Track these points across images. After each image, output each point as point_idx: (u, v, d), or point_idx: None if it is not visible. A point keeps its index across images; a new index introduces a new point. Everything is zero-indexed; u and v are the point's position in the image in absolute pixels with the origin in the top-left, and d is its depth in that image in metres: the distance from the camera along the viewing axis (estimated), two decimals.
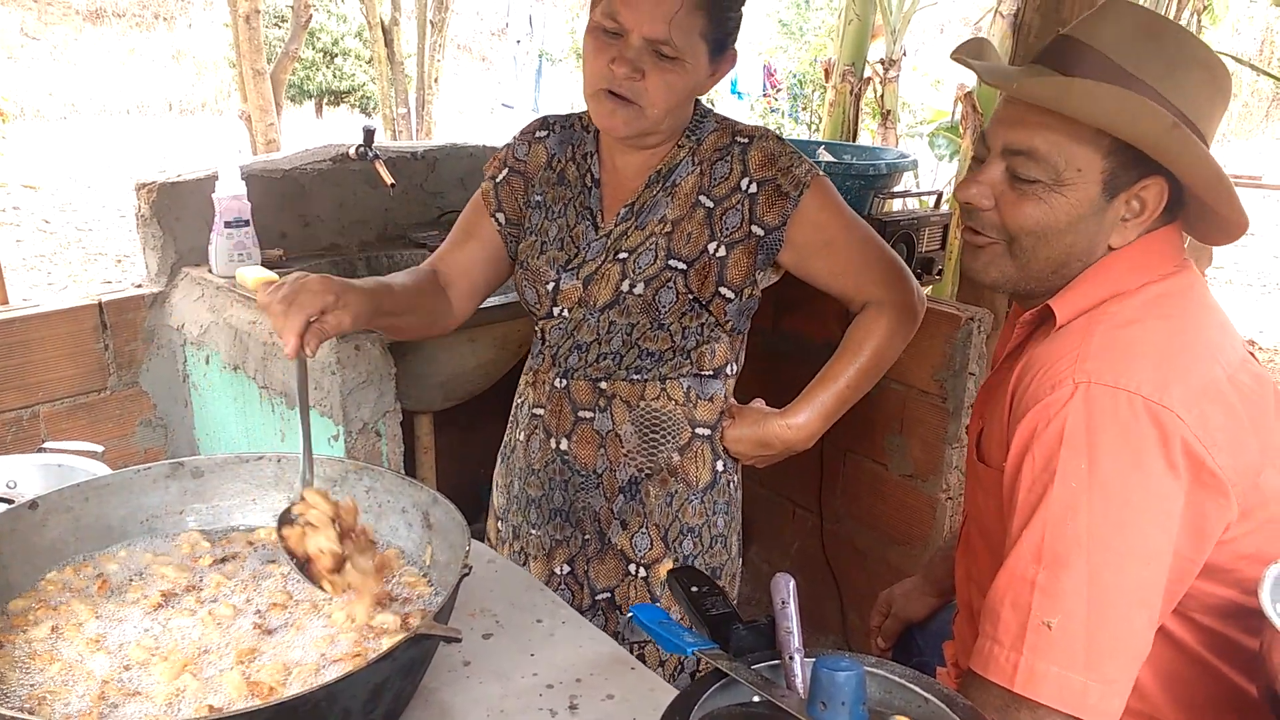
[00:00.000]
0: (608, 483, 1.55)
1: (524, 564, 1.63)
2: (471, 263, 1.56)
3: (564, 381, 1.54)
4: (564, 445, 1.55)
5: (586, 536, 1.58)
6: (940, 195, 2.69)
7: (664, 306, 1.45)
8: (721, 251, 1.45)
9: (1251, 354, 1.19)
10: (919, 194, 2.73)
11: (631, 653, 1.18)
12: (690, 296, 1.45)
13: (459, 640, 0.89)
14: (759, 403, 1.60)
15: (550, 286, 1.51)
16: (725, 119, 1.51)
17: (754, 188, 1.44)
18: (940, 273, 2.44)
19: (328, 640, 0.98)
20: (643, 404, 1.52)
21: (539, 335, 1.58)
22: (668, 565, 1.56)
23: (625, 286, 1.46)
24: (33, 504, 1.09)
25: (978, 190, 1.18)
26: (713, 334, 1.50)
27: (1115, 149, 1.10)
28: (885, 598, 1.70)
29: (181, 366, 2.37)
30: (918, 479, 2.38)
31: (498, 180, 1.58)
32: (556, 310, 1.52)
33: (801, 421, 1.53)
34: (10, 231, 7.42)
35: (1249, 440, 1.07)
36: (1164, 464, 1.03)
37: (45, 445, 1.64)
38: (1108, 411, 1.04)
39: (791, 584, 0.81)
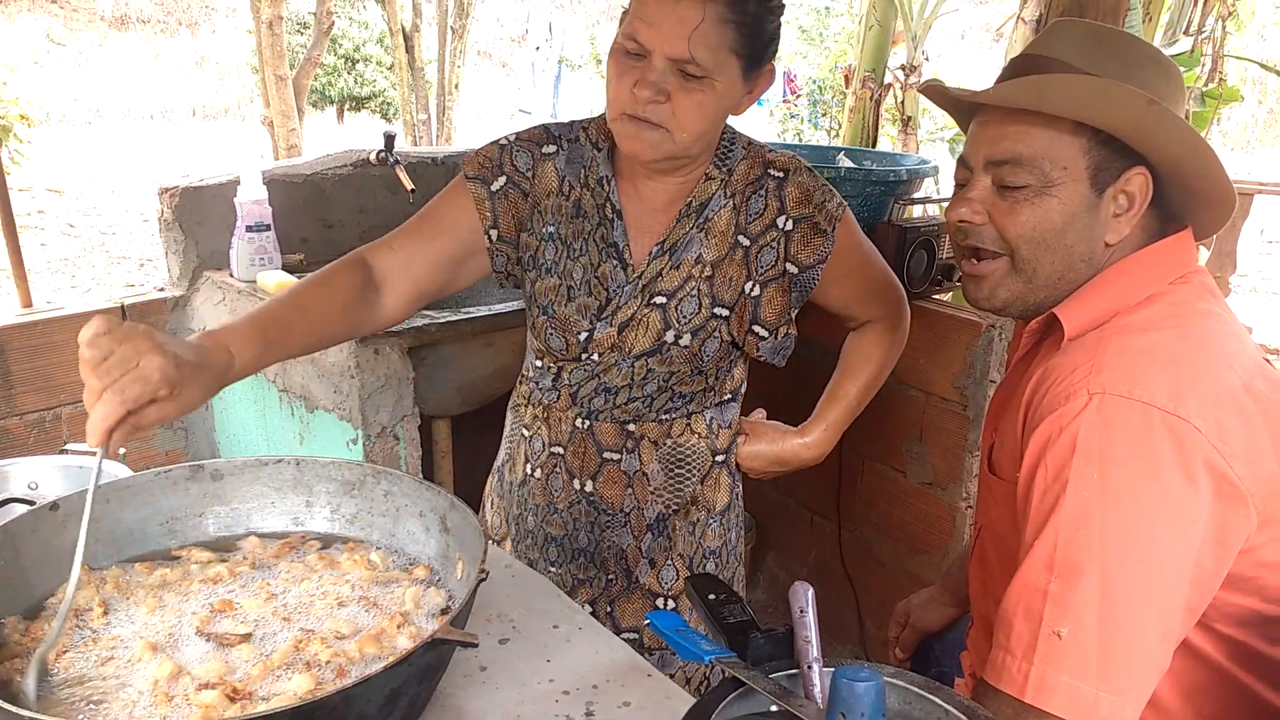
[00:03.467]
0: (635, 522, 1.51)
1: None
2: (434, 263, 1.40)
3: (586, 423, 1.47)
4: (589, 486, 1.50)
5: (611, 576, 1.53)
6: None
7: (708, 355, 1.41)
8: (756, 290, 1.40)
9: (1267, 360, 1.18)
10: (940, 200, 2.72)
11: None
12: (730, 342, 1.42)
13: (476, 645, 0.89)
14: (760, 414, 1.62)
15: (583, 337, 1.41)
16: (753, 143, 1.45)
17: (790, 225, 1.39)
18: (961, 279, 2.42)
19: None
20: (669, 441, 1.48)
21: (551, 371, 1.48)
22: None
23: (670, 337, 1.39)
24: (54, 505, 1.09)
25: (968, 208, 1.21)
26: (735, 363, 1.49)
27: (1096, 142, 1.13)
28: (903, 608, 1.69)
29: None
30: (937, 487, 2.37)
31: (494, 190, 1.41)
32: (585, 356, 1.43)
33: (816, 439, 1.58)
34: (35, 235, 7.50)
35: (1266, 448, 1.06)
36: (1180, 475, 1.02)
37: (67, 447, 1.65)
38: (1121, 422, 1.03)
39: (810, 592, 0.81)
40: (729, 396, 1.52)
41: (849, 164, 2.54)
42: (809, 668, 0.79)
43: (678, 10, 1.21)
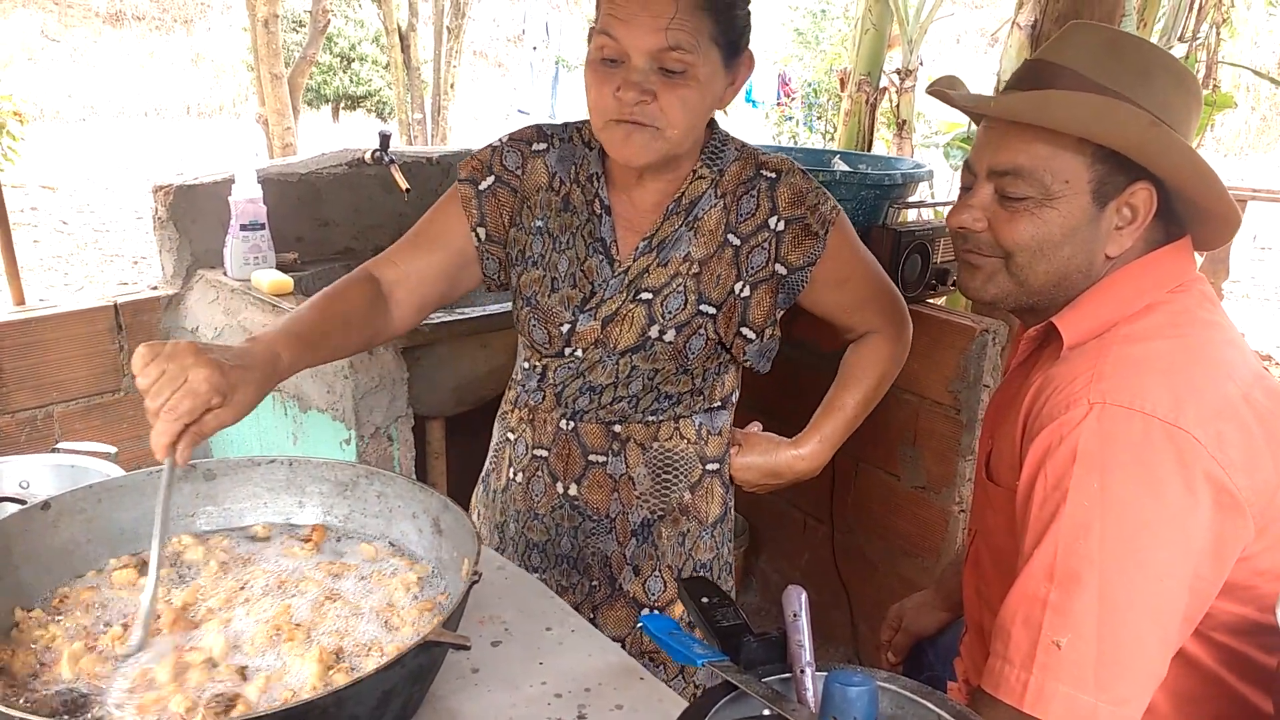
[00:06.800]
0: (620, 527, 1.48)
1: None
2: (431, 274, 1.42)
3: (571, 424, 1.45)
4: (573, 490, 1.47)
5: (595, 582, 1.50)
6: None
7: (693, 353, 1.39)
8: (746, 291, 1.39)
9: (1266, 369, 1.18)
10: (934, 204, 2.71)
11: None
12: (717, 341, 1.40)
13: (468, 648, 0.89)
14: (756, 426, 1.59)
15: (565, 329, 1.40)
16: (746, 146, 1.44)
17: (781, 226, 1.38)
18: (955, 284, 2.43)
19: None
20: (656, 445, 1.45)
21: (537, 370, 1.47)
22: (681, 608, 1.50)
23: (654, 332, 1.37)
24: (45, 505, 1.09)
25: (969, 215, 1.20)
26: (725, 368, 1.47)
27: (1100, 157, 1.12)
28: (896, 612, 1.69)
29: None
30: (930, 491, 2.37)
31: (482, 189, 1.43)
32: (569, 351, 1.42)
33: (811, 451, 1.53)
34: (28, 232, 7.48)
35: (1264, 458, 1.07)
36: (1180, 486, 1.02)
37: (59, 446, 1.65)
38: (1122, 432, 1.04)
39: (803, 596, 0.81)
40: (719, 404, 1.49)
41: (844, 167, 2.55)
42: (802, 672, 0.79)
43: (651, 5, 1.21)
